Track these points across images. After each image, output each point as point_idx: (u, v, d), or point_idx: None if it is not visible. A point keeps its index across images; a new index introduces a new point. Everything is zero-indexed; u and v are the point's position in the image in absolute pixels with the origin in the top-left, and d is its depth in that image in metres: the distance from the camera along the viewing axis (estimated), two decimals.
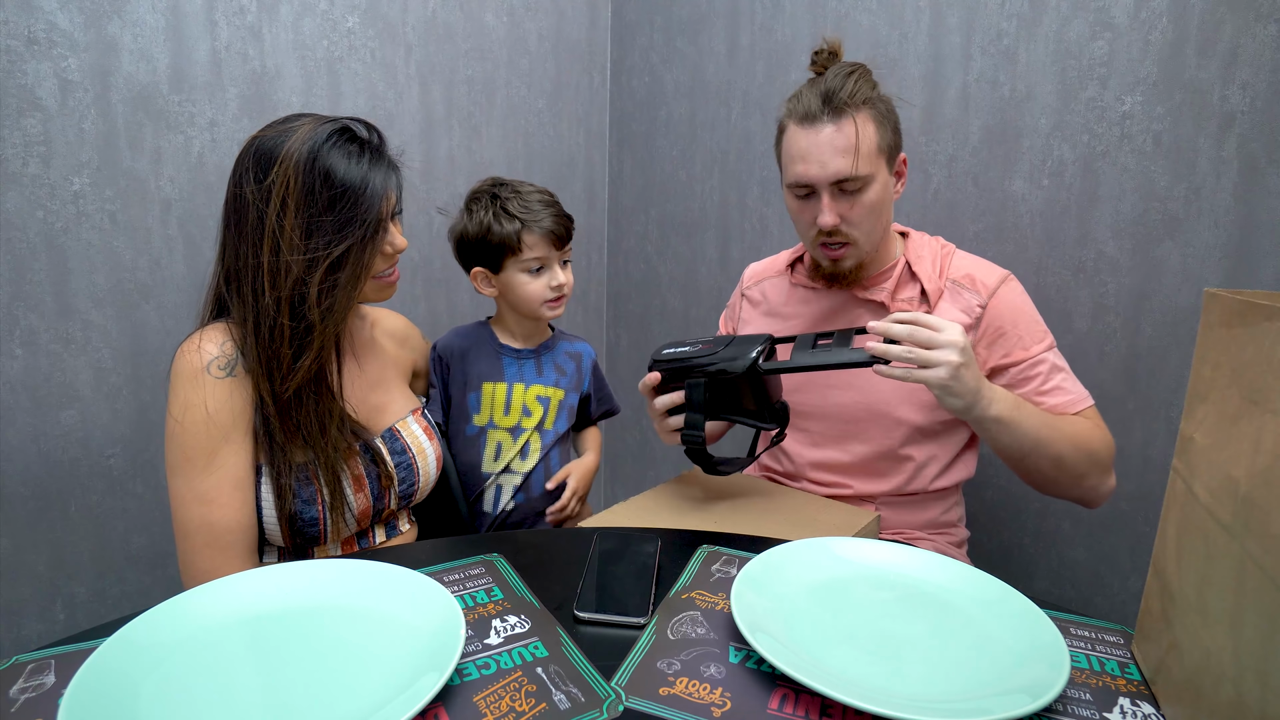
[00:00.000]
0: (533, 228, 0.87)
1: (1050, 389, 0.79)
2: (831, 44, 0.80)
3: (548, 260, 0.89)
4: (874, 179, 0.77)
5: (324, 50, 1.20)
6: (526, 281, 0.89)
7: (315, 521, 0.70)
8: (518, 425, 0.93)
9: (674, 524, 0.72)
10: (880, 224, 0.80)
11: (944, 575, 0.56)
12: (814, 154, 0.76)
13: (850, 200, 0.77)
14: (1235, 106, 0.84)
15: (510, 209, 0.87)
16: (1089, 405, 0.80)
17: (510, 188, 0.89)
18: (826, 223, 0.77)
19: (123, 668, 0.43)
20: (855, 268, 0.83)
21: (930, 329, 0.65)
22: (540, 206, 0.88)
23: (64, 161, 0.98)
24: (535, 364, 0.95)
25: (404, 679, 0.43)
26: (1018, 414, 0.71)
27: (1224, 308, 0.42)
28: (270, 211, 0.65)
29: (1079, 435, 0.75)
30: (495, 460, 0.92)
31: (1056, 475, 0.75)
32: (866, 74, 0.78)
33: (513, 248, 0.87)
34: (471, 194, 0.91)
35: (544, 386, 0.94)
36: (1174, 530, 0.45)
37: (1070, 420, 0.77)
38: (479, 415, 0.92)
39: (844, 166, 0.75)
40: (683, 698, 0.44)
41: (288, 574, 0.54)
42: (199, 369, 0.66)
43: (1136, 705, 0.45)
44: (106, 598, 1.09)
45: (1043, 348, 0.81)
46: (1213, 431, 0.42)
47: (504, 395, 0.92)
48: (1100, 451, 0.77)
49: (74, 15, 0.97)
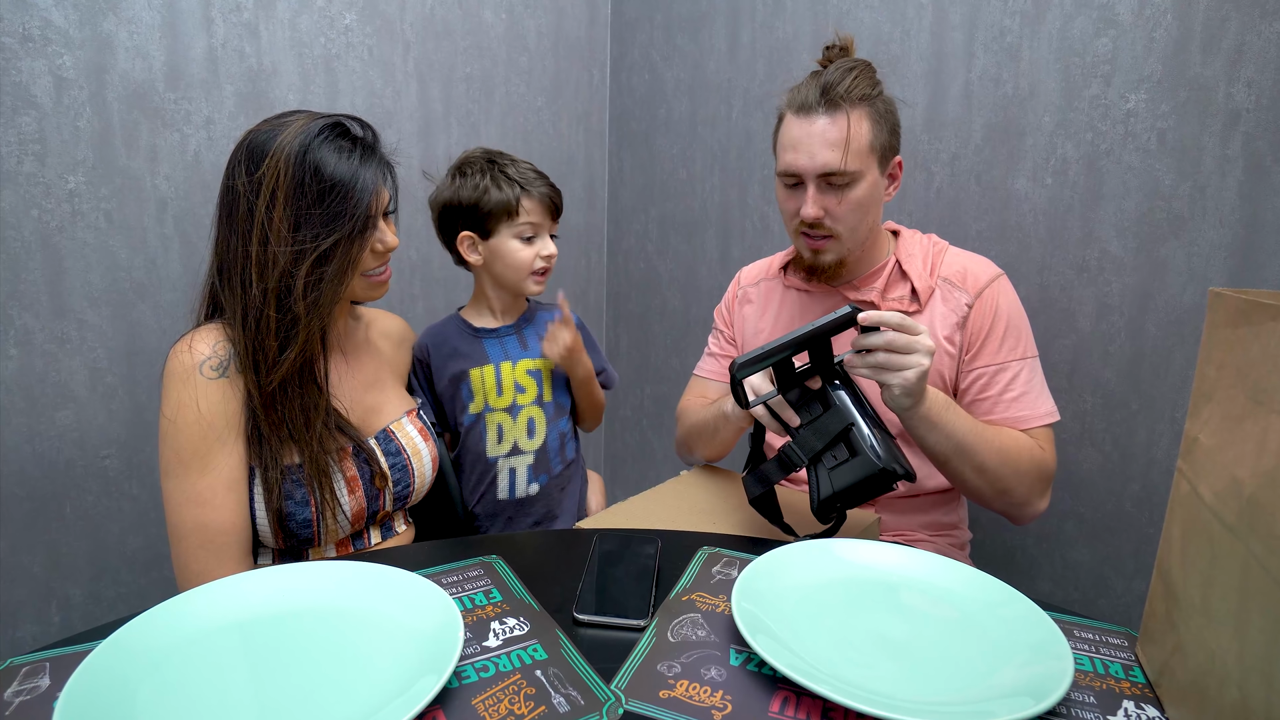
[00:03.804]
0: (532, 193, 0.88)
1: (1009, 399, 0.79)
2: (843, 40, 0.80)
3: (540, 229, 0.90)
4: (862, 176, 0.77)
5: (321, 47, 1.20)
6: (518, 248, 0.88)
7: (308, 523, 0.70)
8: (514, 404, 0.92)
9: (674, 525, 0.72)
10: (865, 223, 0.80)
11: (946, 577, 0.56)
12: (804, 144, 0.76)
13: (836, 195, 0.77)
14: (1240, 104, 0.84)
15: (509, 174, 0.88)
16: (1043, 424, 0.79)
17: (504, 156, 0.90)
18: (809, 214, 0.78)
19: (118, 671, 0.43)
20: (836, 263, 0.82)
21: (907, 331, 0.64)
22: (535, 176, 0.89)
23: (59, 160, 0.98)
24: (517, 339, 0.94)
25: (402, 682, 0.43)
26: (945, 416, 0.70)
27: (1229, 307, 0.42)
28: (260, 203, 0.66)
29: (1007, 449, 0.74)
30: (499, 443, 0.92)
31: (978, 484, 0.74)
32: (869, 72, 0.78)
33: (511, 211, 0.87)
34: (462, 161, 0.90)
35: (531, 360, 0.93)
36: (1179, 532, 0.45)
37: (1004, 433, 0.76)
38: (473, 403, 0.91)
39: (832, 160, 0.75)
40: (683, 700, 0.44)
41: (284, 576, 0.53)
42: (191, 369, 0.66)
43: (1141, 708, 0.44)
44: (102, 600, 1.09)
45: (1015, 356, 0.80)
46: (1218, 432, 0.42)
47: (493, 377, 0.91)
48: (1027, 469, 0.75)
49: (69, 12, 0.96)
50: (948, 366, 0.82)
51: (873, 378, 0.65)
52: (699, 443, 0.90)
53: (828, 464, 0.64)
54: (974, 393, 0.81)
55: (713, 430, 0.85)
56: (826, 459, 0.64)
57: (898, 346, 0.64)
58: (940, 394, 0.71)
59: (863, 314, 0.63)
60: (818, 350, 0.65)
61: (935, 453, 0.73)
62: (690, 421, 0.92)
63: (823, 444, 0.64)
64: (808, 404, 0.67)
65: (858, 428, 0.63)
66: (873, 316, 0.63)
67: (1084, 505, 1.01)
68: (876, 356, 0.64)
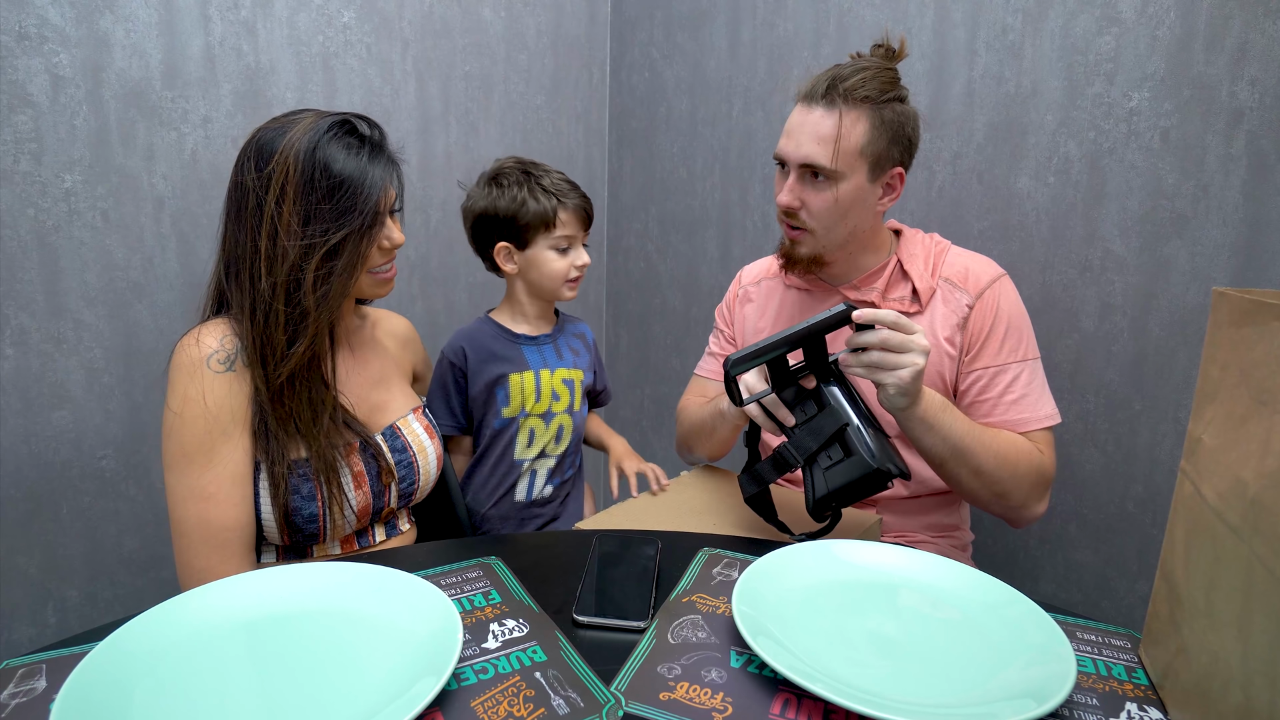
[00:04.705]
0: (567, 205, 0.89)
1: (1008, 401, 0.78)
2: (889, 41, 0.79)
3: (575, 240, 0.92)
4: (844, 178, 0.76)
5: (319, 45, 1.19)
6: (554, 259, 0.90)
7: (314, 518, 0.70)
8: (549, 411, 0.94)
9: (674, 526, 0.72)
10: (844, 226, 0.79)
11: (948, 578, 0.56)
12: (795, 132, 0.77)
13: (815, 190, 0.77)
14: (1244, 103, 0.83)
15: (545, 186, 0.89)
16: (1043, 428, 0.78)
17: (539, 166, 0.92)
18: (781, 200, 0.78)
19: (115, 673, 0.43)
20: (811, 258, 0.81)
21: (901, 330, 0.63)
22: (569, 187, 0.91)
23: (55, 159, 0.97)
24: (554, 348, 0.96)
25: (401, 684, 0.43)
26: (942, 417, 0.70)
27: (1233, 307, 0.42)
28: (269, 198, 0.66)
29: (1005, 451, 0.73)
30: (529, 447, 0.94)
31: (975, 486, 0.74)
32: (884, 76, 0.76)
33: (549, 223, 0.89)
34: (496, 171, 0.92)
35: (566, 369, 0.95)
36: (1182, 533, 0.45)
37: (1002, 435, 0.75)
38: (508, 407, 0.92)
39: (815, 154, 0.75)
40: (683, 703, 0.44)
41: (283, 577, 0.53)
42: (198, 362, 0.66)
43: (1144, 710, 0.44)
44: (98, 601, 1.09)
45: (1016, 358, 0.79)
46: (1221, 432, 0.41)
47: (533, 383, 0.93)
48: (1025, 473, 0.74)
49: (65, 10, 0.96)
50: (947, 367, 0.81)
51: (867, 377, 0.65)
52: (698, 441, 0.90)
53: (823, 464, 0.64)
54: (973, 394, 0.80)
55: (710, 428, 0.85)
56: (821, 459, 0.64)
57: (892, 345, 0.63)
58: (937, 395, 0.71)
59: (858, 312, 0.63)
60: (812, 348, 0.65)
61: (932, 454, 0.72)
62: (689, 420, 0.92)
63: (818, 444, 0.64)
64: (802, 403, 0.66)
65: (853, 427, 0.63)
66: (868, 315, 0.63)
67: (1087, 506, 1.01)
68: (871, 355, 0.64)
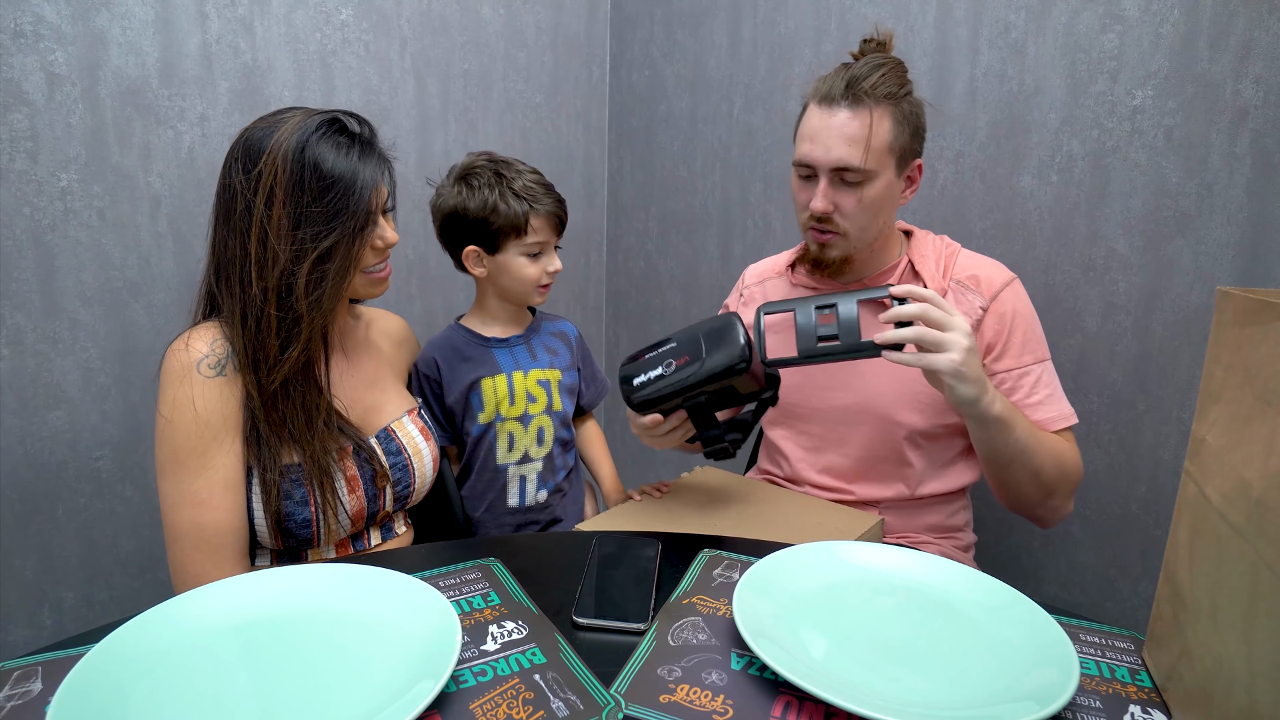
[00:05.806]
0: (540, 211, 0.87)
1: (1034, 402, 0.79)
2: (883, 35, 0.79)
3: (547, 246, 0.89)
4: (877, 176, 0.76)
5: (317, 43, 1.19)
6: (525, 265, 0.88)
7: (308, 524, 0.69)
8: (525, 413, 0.92)
9: (675, 527, 0.71)
10: (875, 223, 0.79)
11: (950, 580, 0.56)
12: (822, 136, 0.76)
13: (848, 191, 0.77)
14: (1248, 101, 0.83)
15: (516, 189, 0.86)
16: (1069, 425, 0.79)
17: (512, 167, 0.88)
18: (817, 207, 0.77)
19: (111, 675, 0.43)
20: (841, 260, 0.81)
21: (941, 309, 0.64)
22: (542, 191, 0.88)
23: (51, 157, 0.97)
24: (526, 349, 0.94)
25: (399, 686, 0.42)
26: (1014, 417, 0.70)
27: (1237, 306, 0.41)
28: (258, 201, 0.65)
29: (1059, 452, 0.75)
30: (510, 451, 0.92)
31: (1030, 489, 0.74)
32: (898, 70, 0.77)
33: (520, 229, 0.86)
34: (466, 168, 0.88)
35: (541, 370, 0.93)
36: (1186, 534, 0.45)
37: (1052, 436, 0.77)
38: (483, 413, 0.90)
39: (848, 155, 0.74)
40: (684, 705, 0.43)
41: (280, 579, 0.53)
42: (188, 367, 0.65)
43: (1148, 713, 0.44)
44: (94, 603, 1.08)
45: (1034, 359, 0.80)
46: (1225, 433, 0.41)
47: (505, 386, 0.91)
48: (1073, 473, 0.77)
49: (61, 8, 0.95)
50: None
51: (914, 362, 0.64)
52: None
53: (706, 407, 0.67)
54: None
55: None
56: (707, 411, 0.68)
57: (933, 319, 0.63)
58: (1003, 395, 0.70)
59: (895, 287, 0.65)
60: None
61: (999, 457, 0.72)
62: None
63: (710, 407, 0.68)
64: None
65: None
66: (907, 289, 0.64)
67: (1090, 507, 1.01)
68: (913, 329, 0.64)
